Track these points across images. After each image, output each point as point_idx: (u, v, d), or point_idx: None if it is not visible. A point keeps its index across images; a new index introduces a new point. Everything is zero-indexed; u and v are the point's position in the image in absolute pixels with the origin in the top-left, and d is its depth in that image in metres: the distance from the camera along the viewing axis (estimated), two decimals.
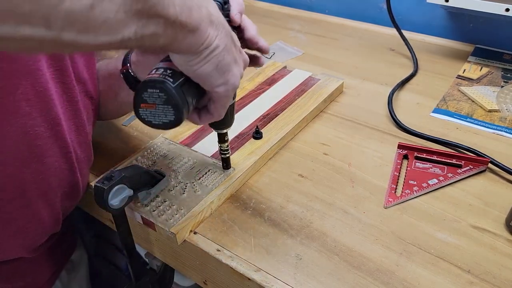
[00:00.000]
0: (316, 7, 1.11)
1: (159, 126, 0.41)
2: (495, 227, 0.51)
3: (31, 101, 0.46)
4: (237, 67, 0.43)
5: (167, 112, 0.40)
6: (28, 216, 0.51)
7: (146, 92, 0.40)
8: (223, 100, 0.44)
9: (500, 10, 0.74)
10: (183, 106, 0.40)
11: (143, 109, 0.40)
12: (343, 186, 0.58)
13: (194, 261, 0.53)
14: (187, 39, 0.37)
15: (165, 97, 0.39)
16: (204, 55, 0.39)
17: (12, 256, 0.55)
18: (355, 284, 0.45)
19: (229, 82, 0.43)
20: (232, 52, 0.42)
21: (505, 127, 0.67)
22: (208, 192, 0.55)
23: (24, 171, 0.48)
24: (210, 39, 0.39)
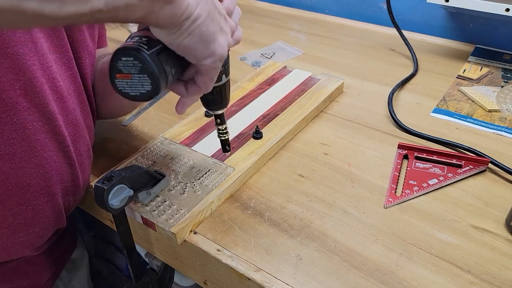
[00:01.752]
0: (316, 7, 1.11)
1: (136, 97, 0.39)
2: (495, 227, 0.51)
3: (28, 96, 0.47)
4: (223, 36, 0.41)
5: (143, 81, 0.38)
6: (30, 212, 0.51)
7: (120, 61, 0.38)
8: (211, 72, 0.43)
9: (500, 10, 0.74)
10: (159, 74, 0.38)
11: (118, 79, 0.39)
12: (343, 186, 0.58)
13: (194, 261, 0.53)
14: (165, 10, 0.35)
15: (140, 65, 0.38)
16: (185, 27, 0.37)
17: (16, 255, 0.55)
18: (355, 284, 0.45)
19: (215, 53, 0.41)
20: (216, 21, 0.40)
21: (505, 127, 0.67)
22: (208, 192, 0.55)
23: (25, 165, 0.48)
24: (190, 8, 0.37)
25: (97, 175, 0.61)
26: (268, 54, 0.92)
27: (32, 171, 0.49)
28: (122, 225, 0.52)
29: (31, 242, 0.54)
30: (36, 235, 0.53)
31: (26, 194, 0.49)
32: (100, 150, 0.66)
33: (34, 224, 0.52)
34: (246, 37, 1.00)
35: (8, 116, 0.45)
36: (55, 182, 0.52)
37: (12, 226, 0.50)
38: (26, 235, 0.52)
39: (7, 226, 0.50)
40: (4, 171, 0.47)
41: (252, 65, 0.89)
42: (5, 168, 0.47)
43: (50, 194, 0.52)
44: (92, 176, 0.61)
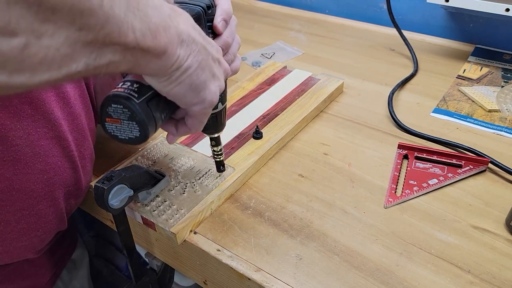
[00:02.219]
0: (316, 7, 1.11)
1: (125, 141, 0.40)
2: (495, 227, 0.51)
3: (33, 103, 0.47)
4: (214, 83, 0.42)
5: (132, 128, 0.39)
6: (33, 217, 0.51)
7: (110, 107, 0.38)
8: (201, 116, 0.43)
9: (500, 10, 0.74)
10: (148, 122, 0.39)
11: (108, 123, 0.39)
12: (343, 186, 0.58)
13: (194, 261, 0.53)
14: (152, 64, 0.34)
15: (129, 113, 0.38)
16: (175, 77, 0.37)
17: (18, 258, 0.55)
18: (355, 284, 0.45)
19: (205, 101, 0.41)
20: (208, 68, 0.40)
21: (505, 127, 0.67)
22: (208, 192, 0.55)
23: (28, 171, 0.48)
24: (181, 60, 0.36)
25: (97, 175, 0.61)
26: (268, 54, 0.92)
27: (35, 176, 0.49)
28: (122, 225, 0.52)
29: (33, 246, 0.54)
30: (39, 238, 0.53)
31: (29, 199, 0.49)
32: (100, 150, 0.66)
33: (37, 228, 0.52)
34: (246, 37, 1.00)
35: (12, 123, 0.45)
36: (58, 187, 0.52)
37: (16, 230, 0.50)
38: (29, 239, 0.52)
39: (11, 231, 0.50)
40: (8, 177, 0.47)
41: (252, 65, 0.89)
42: (8, 174, 0.47)
43: (53, 199, 0.52)
44: (92, 176, 0.61)
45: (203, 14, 0.45)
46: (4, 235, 0.50)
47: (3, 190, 0.47)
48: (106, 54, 0.30)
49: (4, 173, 0.46)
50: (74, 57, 0.28)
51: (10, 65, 0.25)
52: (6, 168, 0.46)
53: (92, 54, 0.29)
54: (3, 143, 0.45)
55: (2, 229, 0.49)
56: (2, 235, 0.49)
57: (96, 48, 0.29)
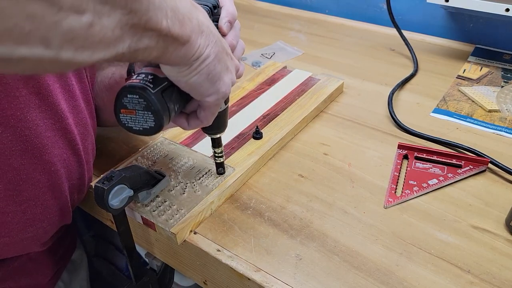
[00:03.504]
0: (316, 7, 1.11)
1: (139, 132, 0.41)
2: (495, 227, 0.51)
3: (41, 94, 0.47)
4: (228, 75, 0.43)
5: (147, 118, 0.40)
6: (39, 208, 0.51)
7: (125, 98, 0.39)
8: (213, 108, 0.45)
9: (500, 10, 0.74)
10: (163, 112, 0.40)
11: (123, 114, 0.40)
12: (343, 186, 0.58)
13: (194, 261, 0.53)
14: (178, 51, 0.37)
15: (145, 103, 0.39)
16: (195, 66, 0.39)
17: (23, 251, 0.55)
18: (355, 284, 0.45)
19: (220, 91, 0.43)
20: (223, 61, 0.42)
21: (505, 127, 0.67)
22: (208, 192, 0.55)
23: (35, 162, 0.49)
24: (201, 49, 0.39)
25: (97, 175, 0.61)
26: (268, 54, 0.92)
27: (42, 167, 0.49)
28: (122, 225, 0.52)
29: (38, 238, 0.54)
30: (44, 230, 0.54)
31: (35, 190, 0.50)
32: (100, 150, 0.66)
33: (42, 219, 0.52)
34: (246, 37, 1.00)
35: (22, 114, 0.46)
36: (63, 179, 0.52)
37: (22, 221, 0.51)
38: (35, 230, 0.52)
39: (17, 222, 0.50)
40: (16, 167, 0.47)
41: (252, 65, 0.89)
42: (16, 164, 0.47)
43: (58, 191, 0.52)
44: (92, 176, 0.61)
45: (210, 13, 0.46)
46: (11, 225, 0.50)
47: (10, 180, 0.47)
48: (145, 39, 0.33)
49: (12, 163, 0.47)
50: (122, 38, 0.31)
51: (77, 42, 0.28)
52: (14, 158, 0.47)
53: (135, 37, 0.32)
54: (12, 133, 0.46)
55: (9, 219, 0.49)
56: (9, 225, 0.50)
57: (138, 32, 0.32)
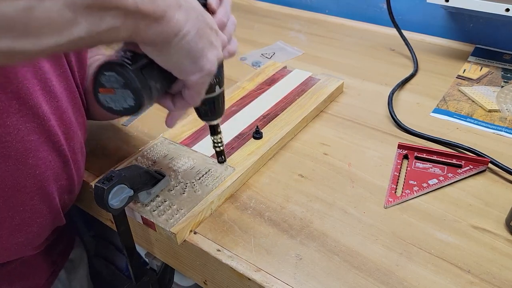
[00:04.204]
0: (316, 7, 1.11)
1: (120, 112, 0.39)
2: (495, 227, 0.51)
3: (21, 98, 0.46)
4: (212, 52, 0.41)
5: (126, 97, 0.38)
6: (27, 213, 0.51)
7: (103, 76, 0.37)
8: (198, 87, 0.42)
9: (500, 10, 0.74)
10: (143, 90, 0.38)
11: (102, 94, 0.38)
12: (343, 186, 0.58)
13: (194, 261, 0.53)
14: (152, 29, 0.34)
15: (123, 80, 0.37)
16: (174, 43, 0.37)
17: (16, 255, 0.55)
18: (355, 284, 0.45)
19: (203, 69, 0.40)
20: (206, 36, 0.39)
21: (505, 127, 0.67)
22: (208, 192, 0.55)
23: (20, 167, 0.48)
24: (179, 25, 0.36)
25: (97, 175, 0.61)
26: (268, 54, 0.92)
27: (27, 172, 0.49)
28: (122, 225, 0.52)
29: (30, 242, 0.54)
30: (35, 234, 0.53)
31: (22, 195, 0.49)
32: (100, 150, 0.66)
33: (32, 224, 0.52)
34: (246, 37, 1.00)
35: (1, 119, 0.45)
36: (50, 182, 0.52)
37: (10, 227, 0.50)
38: (25, 235, 0.52)
39: (6, 228, 0.50)
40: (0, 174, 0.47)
41: (252, 65, 0.89)
42: (0, 171, 0.47)
43: (46, 194, 0.52)
44: (92, 176, 0.61)
45: None
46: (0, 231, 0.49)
47: None
48: (106, 19, 0.30)
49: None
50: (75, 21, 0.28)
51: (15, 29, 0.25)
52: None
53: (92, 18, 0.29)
54: None
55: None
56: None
57: (96, 12, 0.29)
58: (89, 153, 0.66)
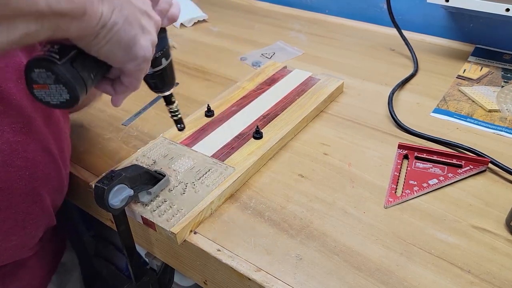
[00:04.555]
0: (316, 7, 1.11)
1: (58, 106, 0.38)
2: (495, 227, 0.51)
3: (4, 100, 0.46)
4: (146, 37, 0.40)
5: (61, 91, 0.37)
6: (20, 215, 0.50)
7: (33, 73, 0.36)
8: (136, 73, 0.42)
9: (500, 10, 0.74)
10: (76, 83, 0.37)
11: (37, 90, 0.38)
12: (343, 186, 0.58)
13: (194, 261, 0.53)
14: (74, 26, 0.32)
15: (54, 76, 0.36)
16: (102, 35, 0.35)
17: (12, 258, 0.54)
18: (355, 284, 0.45)
19: (138, 57, 0.39)
20: (137, 23, 0.38)
21: (505, 127, 0.67)
22: (208, 192, 0.55)
23: (10, 170, 0.47)
24: (105, 17, 0.34)
25: (97, 175, 0.61)
26: (268, 54, 0.92)
27: (17, 174, 0.48)
28: (122, 225, 0.52)
29: (24, 244, 0.53)
30: (29, 236, 0.53)
31: (14, 197, 0.49)
32: (100, 150, 0.66)
33: (25, 226, 0.52)
34: (246, 37, 1.00)
35: None
36: (41, 182, 0.51)
37: (4, 230, 0.50)
38: (19, 238, 0.52)
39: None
40: None
41: (252, 65, 0.89)
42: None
43: (37, 195, 0.51)
44: (92, 176, 0.61)
45: None
46: None
47: None
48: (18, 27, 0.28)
49: None
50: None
51: None
52: None
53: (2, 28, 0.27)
54: None
55: None
56: None
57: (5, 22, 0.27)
58: (89, 153, 0.66)
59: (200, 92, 0.80)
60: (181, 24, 1.08)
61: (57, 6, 0.29)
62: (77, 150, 0.67)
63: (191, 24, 1.08)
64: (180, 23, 1.07)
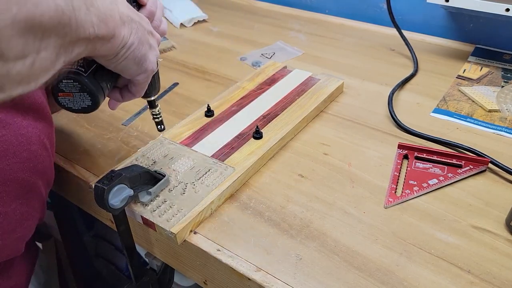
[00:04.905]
0: (316, 7, 1.11)
1: (78, 111, 0.45)
2: (495, 227, 0.51)
3: None
4: (152, 53, 0.47)
5: (84, 98, 0.44)
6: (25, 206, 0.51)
7: (61, 83, 0.43)
8: (143, 83, 0.49)
9: (500, 10, 0.74)
10: (97, 92, 0.44)
11: (61, 97, 0.45)
12: (343, 186, 0.58)
13: (194, 261, 0.53)
14: (105, 46, 0.39)
15: (79, 86, 0.43)
16: (121, 54, 0.42)
17: (13, 253, 0.55)
18: (355, 284, 0.45)
19: (147, 70, 0.47)
20: (146, 41, 0.45)
21: (505, 127, 0.67)
22: (208, 192, 0.55)
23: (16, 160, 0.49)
24: (125, 39, 0.41)
25: (97, 175, 0.61)
26: (268, 54, 0.92)
27: (23, 165, 0.50)
28: (122, 225, 0.52)
29: (24, 237, 0.54)
30: (29, 229, 0.54)
31: (20, 188, 0.50)
32: (100, 150, 0.66)
33: (28, 218, 0.53)
34: (246, 37, 1.00)
35: None
36: (39, 175, 0.53)
37: (12, 222, 0.50)
38: (22, 230, 0.53)
39: (8, 223, 0.50)
40: (2, 168, 0.47)
41: (252, 65, 0.89)
42: (2, 164, 0.47)
43: (37, 187, 0.53)
44: (92, 176, 0.61)
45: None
46: (3, 227, 0.50)
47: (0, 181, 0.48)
48: (75, 49, 0.35)
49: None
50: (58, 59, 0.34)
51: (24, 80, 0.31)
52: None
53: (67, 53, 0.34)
54: None
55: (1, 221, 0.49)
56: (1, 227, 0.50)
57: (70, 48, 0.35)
58: (89, 153, 0.66)
59: (200, 92, 0.80)
60: (181, 24, 1.08)
61: (99, 32, 0.37)
62: (77, 150, 0.67)
63: (191, 24, 1.08)
64: (180, 23, 1.07)
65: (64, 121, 0.73)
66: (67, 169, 0.63)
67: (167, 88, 0.81)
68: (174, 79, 0.84)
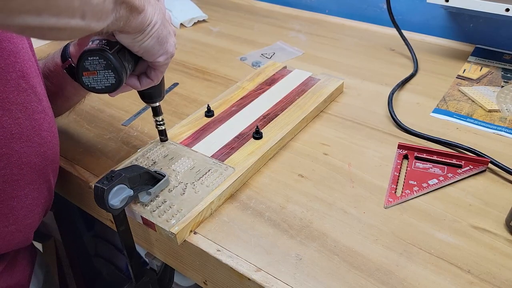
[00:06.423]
0: (316, 7, 1.11)
1: (102, 90, 0.46)
2: (495, 227, 0.51)
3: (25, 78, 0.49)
4: (172, 38, 0.49)
5: (108, 76, 0.45)
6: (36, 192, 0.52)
7: (87, 61, 0.45)
8: (163, 67, 0.51)
9: (500, 10, 0.74)
10: (121, 69, 0.45)
11: (85, 77, 0.46)
12: (343, 186, 0.58)
13: (194, 261, 0.53)
14: (136, 20, 0.41)
15: (105, 62, 0.45)
16: (147, 32, 0.44)
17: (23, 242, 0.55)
18: (355, 284, 0.45)
19: (168, 51, 0.49)
20: (166, 25, 0.48)
21: (505, 127, 0.67)
22: (208, 192, 0.55)
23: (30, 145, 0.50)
24: (151, 17, 0.43)
25: (97, 175, 0.61)
26: (268, 54, 0.92)
27: (36, 149, 0.50)
28: (122, 225, 0.52)
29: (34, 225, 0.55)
30: (38, 216, 0.54)
31: (33, 173, 0.51)
32: (100, 150, 0.66)
33: (38, 204, 0.53)
34: (246, 37, 1.00)
35: (14, 97, 0.48)
36: (49, 161, 0.53)
37: (25, 206, 0.51)
38: (34, 216, 0.53)
39: (21, 207, 0.51)
40: (17, 151, 0.48)
41: (252, 65, 0.89)
42: (17, 147, 0.48)
43: (46, 173, 0.53)
44: (92, 176, 0.61)
45: None
46: (17, 211, 0.50)
47: (14, 164, 0.48)
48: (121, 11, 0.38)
49: (14, 146, 0.48)
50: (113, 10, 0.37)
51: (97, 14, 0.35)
52: (15, 141, 0.48)
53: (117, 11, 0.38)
54: (9, 116, 0.47)
55: (15, 205, 0.50)
56: (15, 211, 0.50)
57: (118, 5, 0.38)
58: (89, 153, 0.66)
59: (200, 92, 0.80)
60: (181, 24, 1.08)
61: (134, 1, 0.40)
62: (77, 150, 0.67)
63: (191, 24, 1.08)
64: (180, 23, 1.07)
65: (65, 122, 0.73)
66: (67, 169, 0.63)
67: (167, 88, 0.81)
68: (174, 79, 0.84)
